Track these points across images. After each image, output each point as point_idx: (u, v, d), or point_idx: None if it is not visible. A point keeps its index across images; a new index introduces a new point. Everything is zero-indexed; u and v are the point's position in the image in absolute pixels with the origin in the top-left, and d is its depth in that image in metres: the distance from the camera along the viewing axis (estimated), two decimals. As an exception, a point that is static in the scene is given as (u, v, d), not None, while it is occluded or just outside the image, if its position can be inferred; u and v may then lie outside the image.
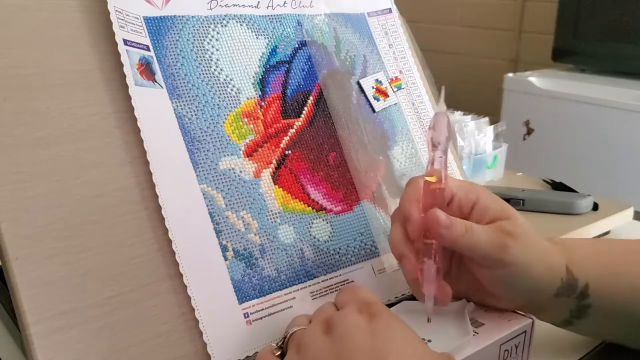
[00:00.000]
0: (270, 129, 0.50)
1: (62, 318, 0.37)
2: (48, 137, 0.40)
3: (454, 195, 0.43)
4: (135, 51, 0.44)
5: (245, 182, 0.47)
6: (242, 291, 0.44)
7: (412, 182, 0.44)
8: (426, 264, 0.41)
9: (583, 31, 1.71)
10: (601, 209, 0.74)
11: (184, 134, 0.45)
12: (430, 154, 0.42)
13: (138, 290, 0.40)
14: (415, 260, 0.42)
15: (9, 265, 0.37)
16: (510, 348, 0.43)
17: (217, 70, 0.49)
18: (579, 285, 0.44)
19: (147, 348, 0.39)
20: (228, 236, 0.44)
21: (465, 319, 0.42)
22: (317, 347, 0.34)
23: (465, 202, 0.43)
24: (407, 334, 0.34)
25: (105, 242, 0.40)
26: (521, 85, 1.73)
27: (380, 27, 0.62)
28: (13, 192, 0.38)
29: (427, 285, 0.41)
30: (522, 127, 1.74)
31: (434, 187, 0.42)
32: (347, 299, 0.38)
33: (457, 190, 0.43)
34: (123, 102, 0.43)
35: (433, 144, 0.42)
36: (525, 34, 2.16)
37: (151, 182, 0.42)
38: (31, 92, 0.40)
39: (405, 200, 0.43)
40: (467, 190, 0.43)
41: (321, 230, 0.50)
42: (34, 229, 0.38)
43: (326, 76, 0.55)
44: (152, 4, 0.47)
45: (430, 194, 0.42)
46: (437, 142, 0.42)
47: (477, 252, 0.41)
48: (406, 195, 0.43)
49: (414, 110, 0.60)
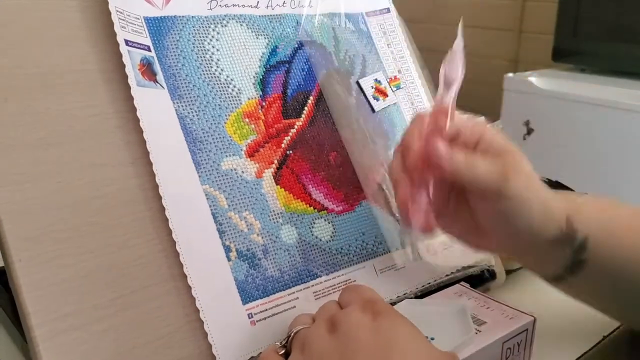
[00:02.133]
0: (272, 129, 0.50)
1: (66, 320, 0.37)
2: (49, 138, 0.40)
3: (460, 130, 0.43)
4: (136, 52, 0.44)
5: (248, 183, 0.47)
6: (246, 292, 0.44)
7: (417, 116, 0.45)
8: (419, 194, 0.42)
9: (583, 31, 1.71)
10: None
11: (186, 135, 0.45)
12: (440, 89, 0.42)
13: (142, 292, 0.40)
14: (408, 187, 0.43)
15: (12, 267, 0.36)
16: (512, 346, 0.43)
17: (218, 70, 0.49)
18: (578, 237, 0.43)
19: (151, 349, 0.39)
20: (231, 237, 0.44)
21: (467, 317, 0.43)
22: (321, 346, 0.34)
23: (470, 138, 0.43)
24: (411, 332, 0.34)
25: (108, 243, 0.40)
26: (521, 85, 1.73)
27: (379, 27, 0.62)
28: (14, 193, 0.38)
29: (416, 214, 0.42)
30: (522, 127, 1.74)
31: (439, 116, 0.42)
32: (350, 297, 0.38)
33: (462, 127, 0.43)
34: (124, 103, 0.43)
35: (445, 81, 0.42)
36: (525, 34, 2.16)
37: (154, 183, 0.42)
38: (32, 93, 0.40)
39: (408, 132, 0.44)
40: (472, 125, 0.43)
41: (323, 230, 0.49)
42: (36, 230, 0.38)
43: (326, 76, 0.55)
44: (153, 4, 0.47)
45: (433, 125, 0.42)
46: (450, 79, 0.42)
47: (477, 184, 0.41)
48: (409, 127, 0.44)
49: (413, 109, 0.60)
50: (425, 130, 0.43)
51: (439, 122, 0.42)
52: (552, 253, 0.43)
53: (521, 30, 2.17)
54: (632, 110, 1.50)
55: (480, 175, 0.41)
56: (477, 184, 0.41)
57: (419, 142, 0.42)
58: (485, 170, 0.41)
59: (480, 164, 0.41)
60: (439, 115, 0.42)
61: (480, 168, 0.41)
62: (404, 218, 0.44)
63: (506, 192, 0.40)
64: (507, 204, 0.41)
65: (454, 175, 0.41)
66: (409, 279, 0.51)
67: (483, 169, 0.41)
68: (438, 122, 0.42)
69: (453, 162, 0.40)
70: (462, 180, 0.42)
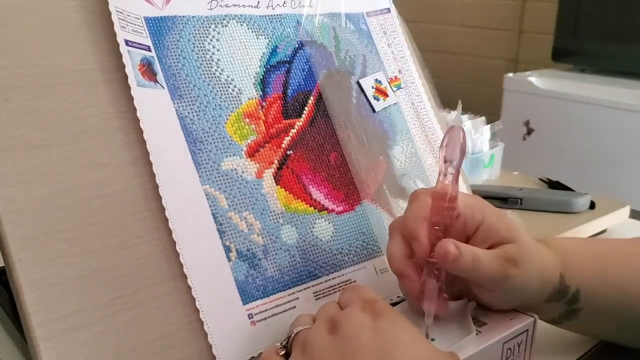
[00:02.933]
0: (272, 129, 0.50)
1: (67, 320, 0.37)
2: (50, 138, 0.40)
3: (460, 213, 0.42)
4: (136, 52, 0.44)
5: (248, 183, 0.47)
6: (246, 292, 0.44)
7: (418, 196, 0.43)
8: (429, 282, 0.41)
9: (583, 31, 1.71)
10: (598, 208, 0.75)
11: (186, 135, 0.45)
12: (441, 168, 0.41)
13: (142, 292, 0.40)
14: (417, 279, 0.42)
15: (13, 267, 0.36)
16: (513, 347, 0.43)
17: (218, 70, 0.49)
18: (570, 291, 0.44)
19: (151, 350, 0.39)
20: (231, 237, 0.44)
21: (468, 318, 0.43)
22: (322, 347, 0.34)
23: (471, 222, 0.42)
24: (412, 332, 0.34)
25: (109, 243, 0.40)
26: (521, 85, 1.74)
27: (379, 27, 0.62)
28: (16, 193, 0.38)
29: (428, 303, 0.41)
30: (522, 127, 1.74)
31: (445, 207, 0.41)
32: (350, 298, 0.38)
33: (464, 208, 0.42)
34: (124, 103, 0.43)
35: (445, 159, 0.40)
36: (525, 34, 2.16)
37: (154, 183, 0.42)
38: (32, 93, 0.40)
39: (411, 218, 0.42)
40: (473, 209, 0.42)
41: (323, 230, 0.49)
42: (38, 230, 0.38)
43: (326, 76, 0.55)
44: (153, 4, 0.47)
45: (439, 212, 0.41)
46: (450, 159, 0.40)
47: (480, 280, 0.41)
48: (412, 211, 0.43)
49: (413, 109, 0.60)
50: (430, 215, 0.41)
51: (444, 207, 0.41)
52: (547, 308, 0.45)
53: (521, 30, 2.17)
54: (632, 110, 1.50)
55: (484, 275, 0.41)
56: (480, 282, 0.42)
57: (425, 232, 0.41)
58: (489, 270, 0.40)
59: (485, 264, 0.40)
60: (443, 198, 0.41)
61: (484, 268, 0.40)
62: (413, 308, 0.43)
63: (507, 286, 0.41)
64: (508, 293, 0.42)
65: (460, 273, 0.41)
66: (409, 279, 0.51)
67: (487, 269, 0.40)
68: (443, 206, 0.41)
69: (459, 264, 0.40)
70: (467, 276, 0.41)
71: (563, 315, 0.46)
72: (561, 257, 0.45)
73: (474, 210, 0.42)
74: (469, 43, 2.35)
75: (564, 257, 0.45)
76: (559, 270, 0.44)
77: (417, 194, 0.44)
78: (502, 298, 0.43)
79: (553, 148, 1.68)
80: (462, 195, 0.42)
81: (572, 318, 0.46)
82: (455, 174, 0.41)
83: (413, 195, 0.44)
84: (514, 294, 0.42)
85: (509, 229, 0.42)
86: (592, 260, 0.46)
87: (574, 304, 0.45)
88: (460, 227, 0.42)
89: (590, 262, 0.46)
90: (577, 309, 0.45)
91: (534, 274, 0.42)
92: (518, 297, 0.43)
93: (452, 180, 0.41)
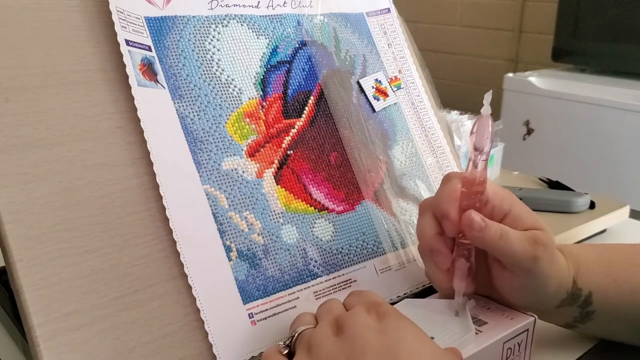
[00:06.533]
0: (272, 129, 0.50)
1: (67, 320, 0.37)
2: (51, 138, 0.40)
3: (489, 201, 0.43)
4: (137, 51, 0.44)
5: (248, 183, 0.47)
6: (247, 291, 0.44)
7: (450, 179, 0.44)
8: (459, 261, 0.42)
9: (583, 31, 1.71)
10: (598, 208, 0.74)
11: (187, 135, 0.45)
12: (471, 156, 0.42)
13: (143, 291, 0.40)
14: (449, 254, 0.43)
15: (13, 267, 0.36)
16: (513, 346, 0.43)
17: (219, 70, 0.49)
18: (583, 294, 0.45)
19: (152, 349, 0.39)
20: (232, 236, 0.44)
21: (467, 316, 0.43)
22: (328, 348, 0.34)
23: (499, 210, 0.43)
24: (416, 333, 0.34)
25: (110, 243, 0.40)
26: (521, 85, 1.73)
27: (379, 27, 0.62)
28: (17, 193, 0.38)
29: (459, 281, 0.43)
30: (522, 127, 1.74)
31: (474, 190, 0.42)
32: (355, 301, 0.39)
33: (493, 196, 0.43)
34: (125, 103, 0.43)
35: (475, 148, 0.41)
36: (525, 34, 2.16)
37: (154, 183, 0.42)
38: (33, 93, 0.40)
39: (443, 198, 0.43)
40: (501, 197, 0.43)
41: (324, 230, 0.50)
42: (39, 230, 0.38)
43: (326, 76, 0.55)
44: (153, 4, 0.47)
45: (468, 197, 0.42)
46: (479, 147, 0.41)
47: (509, 258, 0.41)
48: (444, 191, 0.43)
49: (413, 109, 0.60)
50: (460, 199, 0.42)
51: (473, 190, 0.42)
52: (560, 311, 0.46)
53: (521, 30, 2.17)
54: (632, 110, 1.50)
55: (513, 252, 0.41)
56: (510, 258, 0.41)
57: (455, 210, 0.42)
58: (518, 247, 0.41)
59: (514, 240, 0.41)
60: (472, 183, 0.42)
61: (512, 244, 0.41)
62: (440, 286, 0.45)
63: (534, 270, 0.41)
64: (531, 281, 0.42)
65: (486, 248, 0.42)
66: (409, 279, 0.52)
67: (516, 246, 0.41)
68: (471, 190, 0.42)
69: (486, 235, 0.40)
70: (494, 252, 0.42)
71: (578, 319, 0.46)
72: (573, 262, 0.45)
73: (502, 199, 0.43)
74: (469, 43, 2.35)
75: (576, 262, 0.46)
76: (572, 274, 0.45)
77: (449, 176, 0.44)
78: (522, 286, 0.42)
79: (553, 148, 1.68)
80: (492, 185, 0.43)
81: (586, 321, 0.46)
82: (486, 161, 0.42)
83: (446, 177, 0.45)
84: (536, 284, 0.42)
85: (536, 220, 0.43)
86: (602, 264, 0.47)
87: (587, 306, 0.45)
88: (488, 214, 0.43)
89: (601, 266, 0.47)
90: (590, 312, 0.46)
91: (555, 270, 0.43)
92: (536, 290, 0.43)
93: (481, 167, 0.42)
